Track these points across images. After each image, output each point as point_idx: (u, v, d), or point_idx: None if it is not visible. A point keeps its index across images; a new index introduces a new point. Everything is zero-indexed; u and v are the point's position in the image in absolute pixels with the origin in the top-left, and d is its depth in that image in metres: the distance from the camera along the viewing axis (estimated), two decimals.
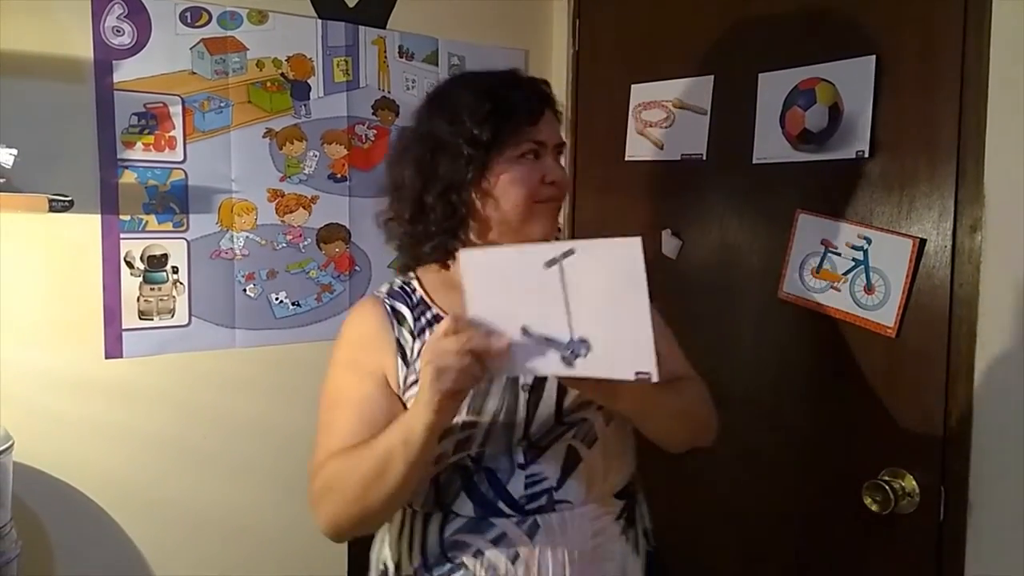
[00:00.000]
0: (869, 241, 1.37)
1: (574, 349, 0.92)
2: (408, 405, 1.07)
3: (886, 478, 1.34)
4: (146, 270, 1.56)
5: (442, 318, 1.09)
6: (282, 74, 1.68)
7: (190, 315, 1.60)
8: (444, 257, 1.14)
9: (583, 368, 0.91)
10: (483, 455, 1.09)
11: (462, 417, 1.07)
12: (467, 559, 1.09)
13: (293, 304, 1.71)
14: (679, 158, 1.67)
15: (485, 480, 1.09)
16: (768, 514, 1.54)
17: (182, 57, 1.57)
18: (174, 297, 1.59)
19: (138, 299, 1.55)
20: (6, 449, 1.29)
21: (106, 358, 1.52)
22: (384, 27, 1.80)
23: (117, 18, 1.50)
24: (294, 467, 1.74)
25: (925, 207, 1.32)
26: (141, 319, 1.55)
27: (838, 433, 1.43)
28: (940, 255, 1.30)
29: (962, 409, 1.26)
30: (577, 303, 0.90)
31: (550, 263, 0.91)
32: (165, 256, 1.57)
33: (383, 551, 1.21)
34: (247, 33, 1.64)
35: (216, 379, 1.64)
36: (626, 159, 1.79)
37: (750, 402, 1.55)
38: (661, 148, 1.71)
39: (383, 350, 1.12)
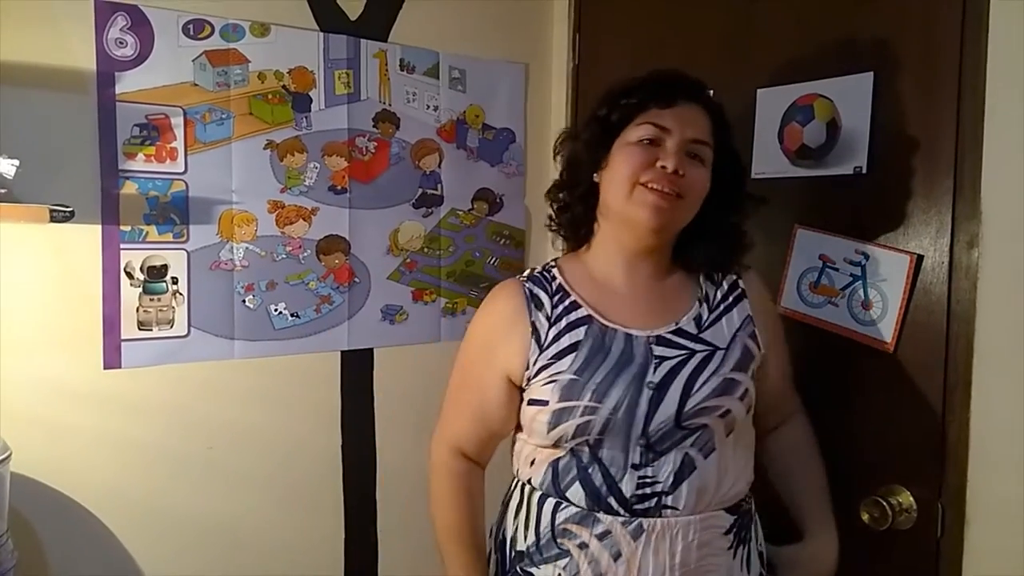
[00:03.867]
0: (867, 257, 1.37)
1: None
2: (531, 389, 1.17)
3: (883, 494, 1.34)
4: (146, 280, 1.56)
5: (579, 305, 1.18)
6: (283, 86, 1.69)
7: (189, 326, 1.61)
8: (576, 239, 1.27)
9: None
10: (600, 447, 1.13)
11: (584, 402, 1.11)
12: (573, 548, 1.14)
13: (292, 315, 1.72)
14: None
15: (599, 473, 1.13)
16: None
17: (184, 69, 1.58)
18: (173, 308, 1.59)
19: (137, 309, 1.55)
20: (3, 460, 1.29)
21: (105, 368, 1.52)
22: (385, 40, 1.81)
23: (120, 30, 1.51)
24: (293, 478, 1.74)
25: (922, 223, 1.32)
26: (140, 329, 1.56)
27: (835, 448, 1.43)
28: (937, 271, 1.30)
29: (960, 425, 1.26)
30: None
31: None
32: (165, 267, 1.58)
33: (504, 521, 1.27)
34: (249, 45, 1.65)
35: (215, 390, 1.64)
36: None
37: None
38: None
39: (517, 333, 1.18)
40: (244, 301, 1.66)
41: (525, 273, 1.27)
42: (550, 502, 1.17)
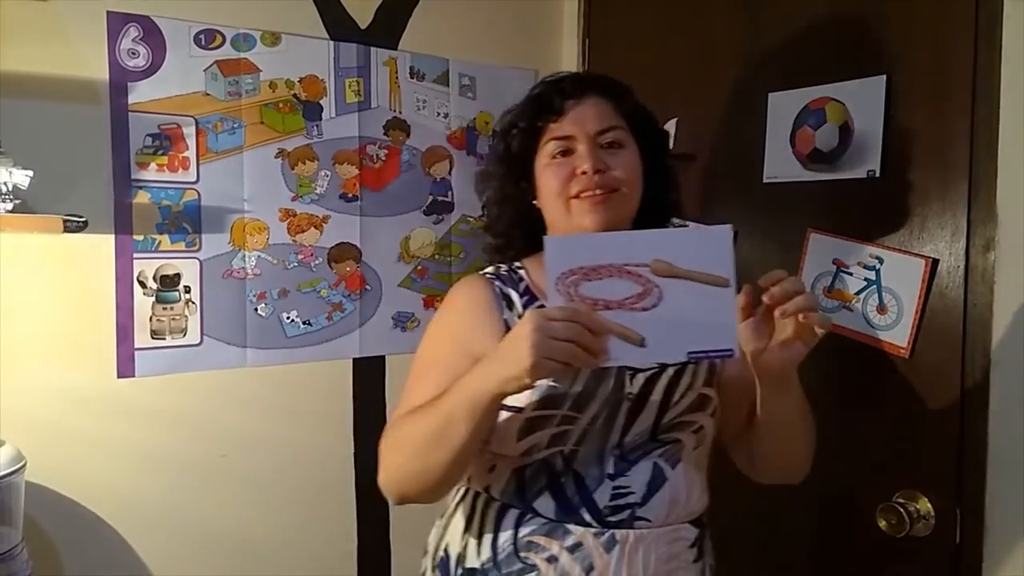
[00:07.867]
0: (881, 261, 1.36)
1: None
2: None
3: (900, 500, 1.32)
4: (159, 289, 1.57)
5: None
6: (294, 95, 1.69)
7: (202, 334, 1.61)
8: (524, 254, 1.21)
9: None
10: (575, 457, 1.07)
11: (562, 411, 1.06)
12: (540, 562, 1.07)
13: (304, 323, 1.72)
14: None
15: (572, 484, 1.07)
16: (780, 537, 1.53)
17: (196, 79, 1.59)
18: (186, 316, 1.59)
19: (151, 318, 1.56)
20: (18, 469, 1.30)
21: (118, 377, 1.53)
22: (395, 48, 1.82)
23: (132, 40, 1.52)
24: (306, 485, 1.74)
25: (937, 226, 1.31)
26: (154, 338, 1.56)
27: (851, 454, 1.42)
28: (953, 275, 1.29)
29: (977, 430, 1.25)
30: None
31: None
32: (178, 276, 1.58)
33: (444, 538, 1.19)
34: (260, 55, 1.65)
35: (228, 398, 1.64)
36: None
37: None
38: None
39: (489, 330, 1.10)
40: (256, 309, 1.67)
41: (490, 269, 1.20)
42: (512, 513, 1.09)
